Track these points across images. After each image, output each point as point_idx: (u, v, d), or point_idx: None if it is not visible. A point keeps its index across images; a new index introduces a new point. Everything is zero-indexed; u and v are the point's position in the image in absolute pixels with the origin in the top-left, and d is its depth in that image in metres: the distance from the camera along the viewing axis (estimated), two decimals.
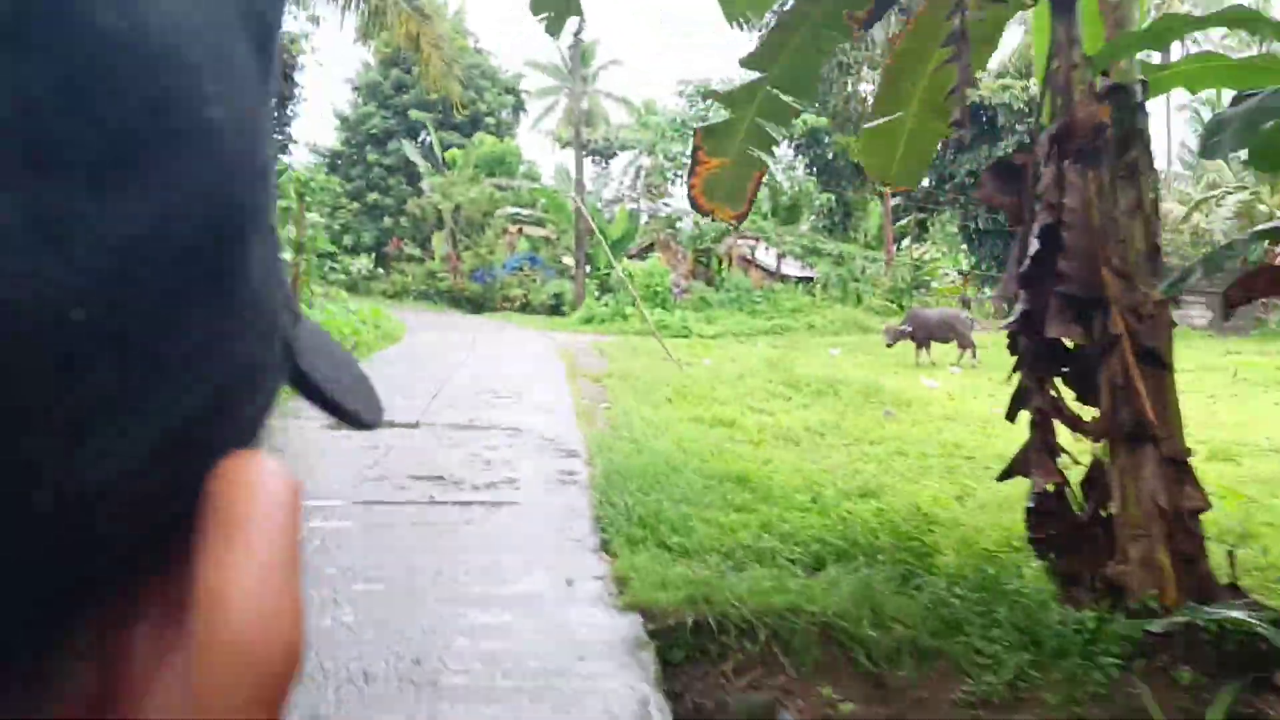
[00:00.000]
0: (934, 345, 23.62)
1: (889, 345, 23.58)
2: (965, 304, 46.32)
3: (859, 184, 36.72)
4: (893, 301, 37.92)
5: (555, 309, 35.91)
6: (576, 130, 34.70)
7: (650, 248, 40.31)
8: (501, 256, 42.93)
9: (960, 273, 45.04)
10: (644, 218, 38.59)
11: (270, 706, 0.26)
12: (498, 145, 45.81)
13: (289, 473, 0.28)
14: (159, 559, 0.27)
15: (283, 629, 0.26)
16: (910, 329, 23.59)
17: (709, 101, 33.34)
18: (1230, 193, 35.44)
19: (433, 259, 48.57)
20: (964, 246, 48.57)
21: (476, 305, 41.93)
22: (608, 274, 36.89)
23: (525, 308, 38.34)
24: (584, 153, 35.21)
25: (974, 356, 23.12)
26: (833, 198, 34.07)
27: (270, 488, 0.27)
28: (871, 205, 38.10)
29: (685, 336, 30.31)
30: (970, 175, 44.36)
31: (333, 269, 45.49)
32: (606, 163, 40.80)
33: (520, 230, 40.80)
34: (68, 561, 0.23)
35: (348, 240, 51.00)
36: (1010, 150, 45.92)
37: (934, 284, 42.99)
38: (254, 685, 0.25)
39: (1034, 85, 51.70)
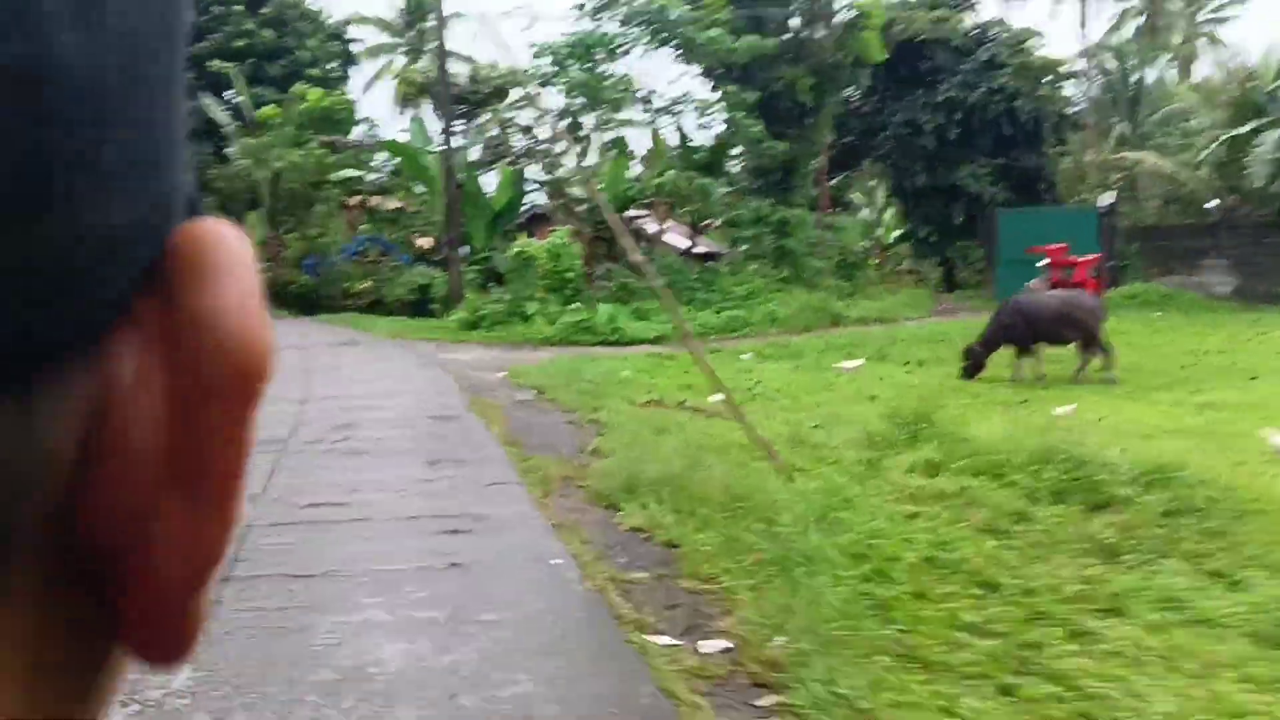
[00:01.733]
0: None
1: (973, 367, 14.35)
2: (918, 280, 37.95)
3: (808, 131, 27.46)
4: (846, 279, 28.90)
5: (421, 306, 25.61)
6: (441, 63, 24.30)
7: (536, 220, 30.31)
8: (339, 238, 32.21)
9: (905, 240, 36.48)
10: (528, 184, 28.56)
11: (252, 408, 0.29)
12: (324, 98, 34.81)
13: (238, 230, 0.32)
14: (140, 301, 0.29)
15: (263, 338, 0.29)
16: (1006, 331, 14.41)
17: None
18: None
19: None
20: (894, 210, 40.08)
21: (308, 304, 31.21)
22: (488, 257, 26.70)
23: (377, 306, 27.82)
24: (450, 100, 24.80)
25: (1109, 363, 14.16)
26: (775, 147, 24.73)
27: (232, 237, 0.30)
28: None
29: (621, 342, 20.57)
30: (906, 126, 35.95)
31: None
32: (469, 117, 30.46)
33: (363, 203, 30.06)
34: (89, 283, 0.26)
35: None
36: (952, 95, 37.86)
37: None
38: (240, 389, 0.28)
39: (975, 17, 43.76)
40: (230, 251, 0.29)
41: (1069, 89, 37.43)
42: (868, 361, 16.57)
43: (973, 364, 14.41)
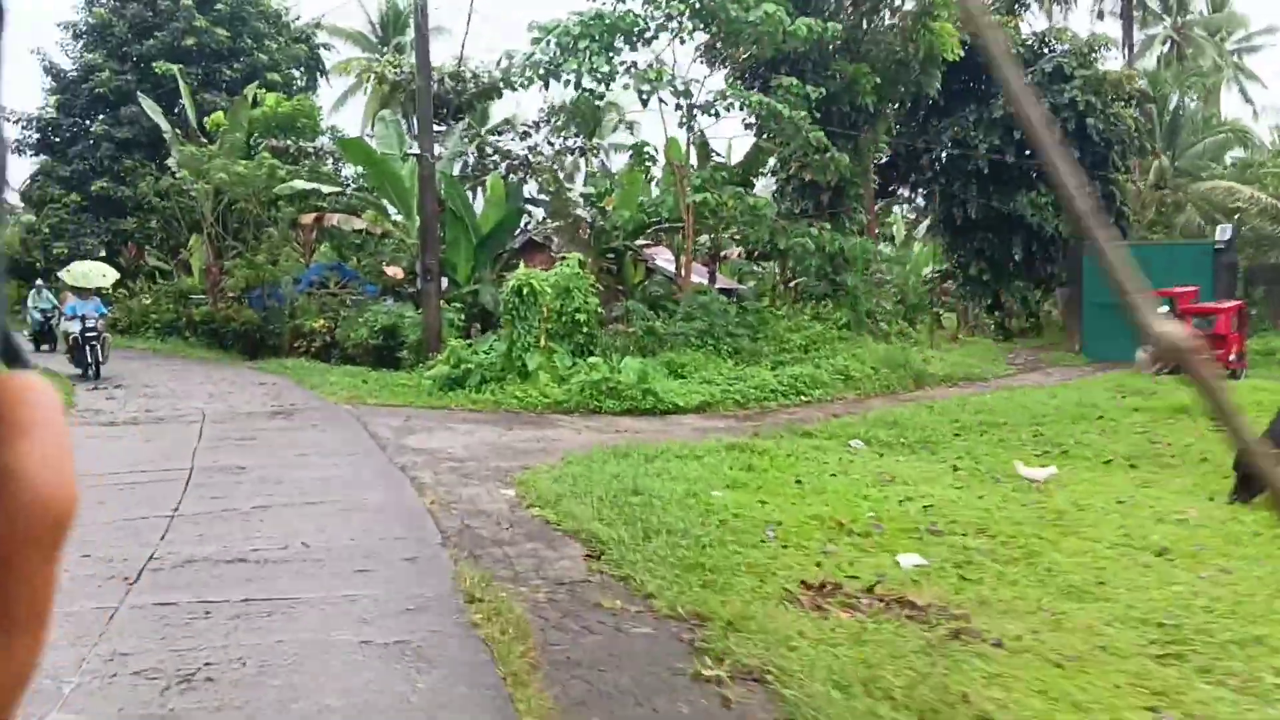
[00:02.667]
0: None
1: (1252, 484, 8.76)
2: (968, 328, 32.29)
3: (862, 144, 21.94)
4: (908, 321, 23.29)
5: (387, 354, 19.68)
6: (421, 43, 18.44)
7: (528, 248, 24.52)
8: (293, 266, 26.33)
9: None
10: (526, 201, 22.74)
11: (59, 550, 0.32)
12: (283, 103, 28.99)
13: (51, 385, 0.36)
14: None
15: (70, 493, 0.33)
16: None
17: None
18: None
19: (189, 273, 31.25)
20: (932, 244, 34.67)
21: (252, 346, 25.24)
22: (474, 292, 20.85)
23: (331, 350, 21.90)
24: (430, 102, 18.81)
25: None
26: (839, 160, 19.09)
27: (42, 391, 0.33)
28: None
29: (658, 411, 14.91)
30: (955, 146, 30.56)
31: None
32: (452, 120, 24.64)
33: (319, 220, 24.05)
34: None
35: (61, 248, 32.93)
36: (1009, 111, 32.20)
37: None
38: (49, 538, 0.32)
39: (1031, 24, 38.41)
40: (40, 406, 0.32)
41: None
42: (1046, 457, 10.91)
43: (1252, 480, 8.75)
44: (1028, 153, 28.42)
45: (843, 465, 10.38)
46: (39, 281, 27.23)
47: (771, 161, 23.54)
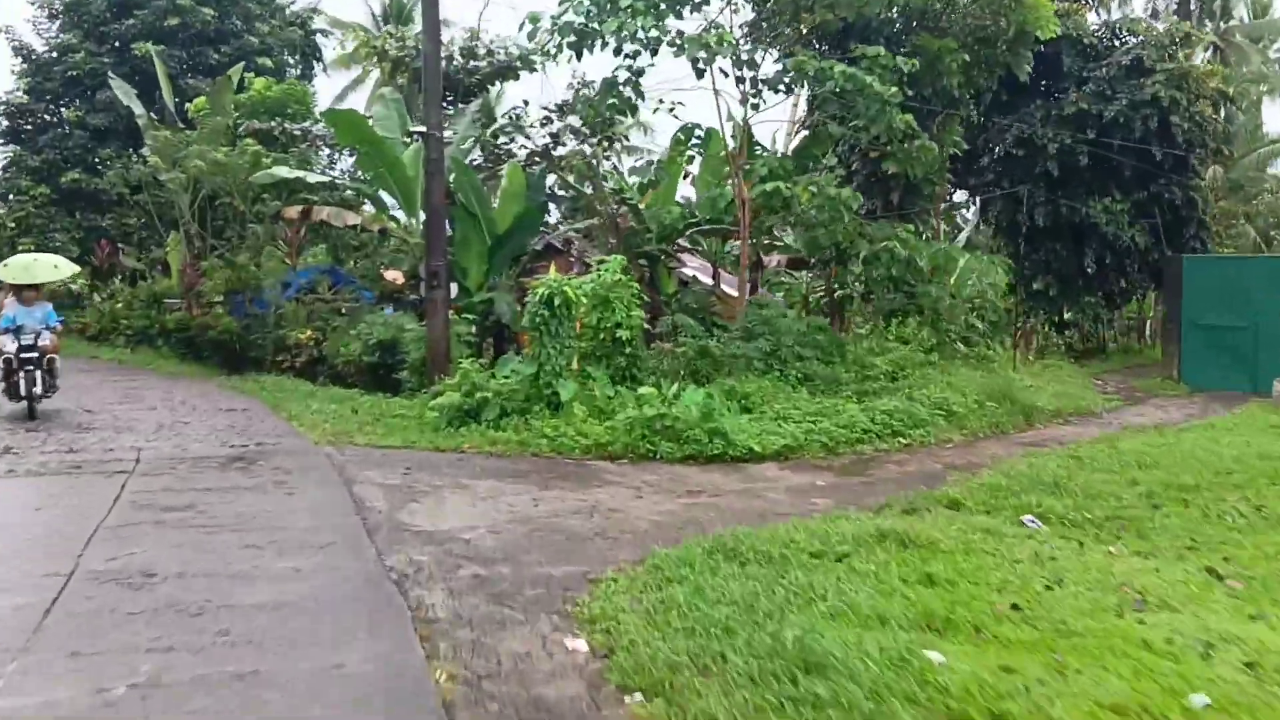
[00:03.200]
0: None
1: None
2: (1029, 341, 28.73)
3: (939, 135, 18.50)
4: (987, 342, 19.74)
5: (384, 374, 16.16)
6: (429, 7, 14.88)
7: (545, 252, 21.00)
8: (279, 269, 22.85)
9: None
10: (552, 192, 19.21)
11: None
12: (272, 86, 25.51)
13: None
14: None
15: None
16: None
17: None
18: None
19: (168, 275, 27.70)
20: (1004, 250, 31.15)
21: (231, 358, 21.75)
22: (489, 301, 17.36)
23: (318, 366, 18.41)
24: (439, 80, 15.06)
25: None
26: (929, 149, 15.68)
27: None
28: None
29: (730, 457, 11.49)
30: (1020, 146, 27.09)
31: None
32: (462, 104, 21.06)
33: (306, 216, 20.42)
34: None
35: (28, 244, 29.34)
36: (1083, 108, 28.61)
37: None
38: None
39: (1111, 13, 34.99)
40: None
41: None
42: None
43: None
44: (1102, 156, 25.16)
45: (1045, 565, 6.92)
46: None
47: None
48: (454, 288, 15.17)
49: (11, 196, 29.98)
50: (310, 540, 6.93)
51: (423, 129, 14.74)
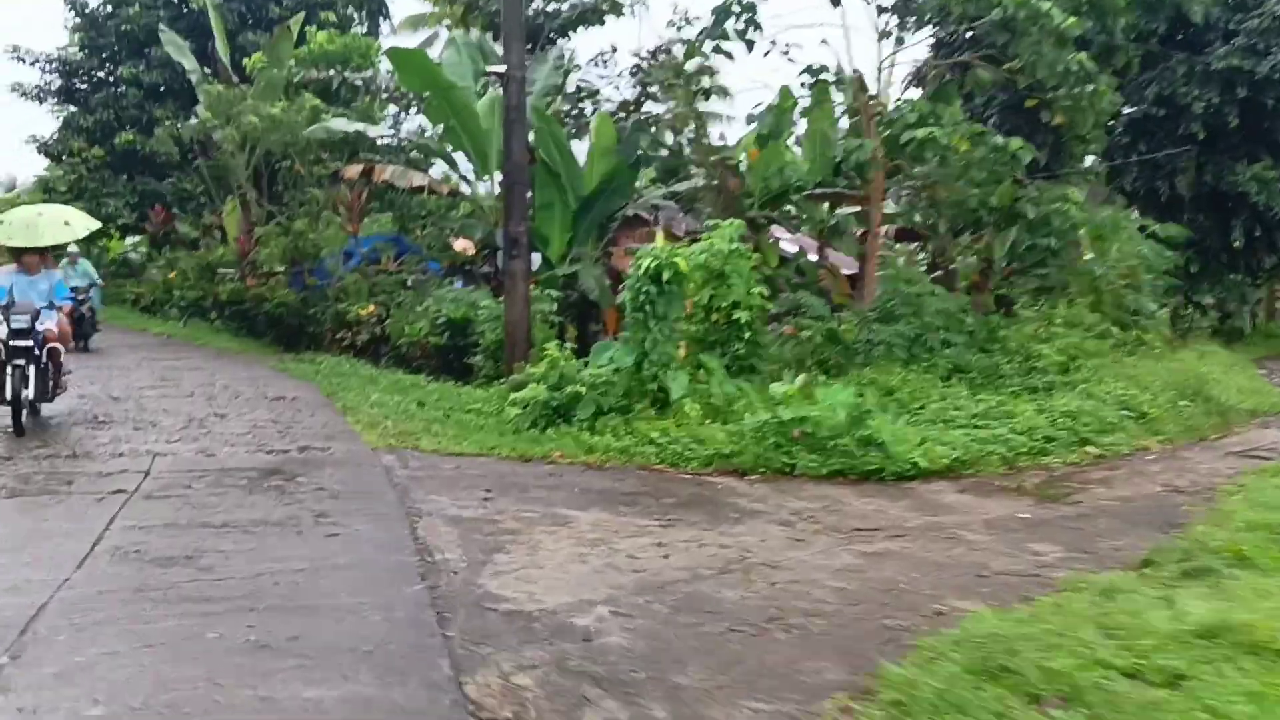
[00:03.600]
0: None
1: None
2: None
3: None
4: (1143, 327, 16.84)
5: (455, 358, 13.89)
6: None
7: (633, 221, 18.45)
8: (338, 236, 20.70)
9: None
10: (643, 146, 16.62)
11: None
12: (333, 39, 23.31)
13: None
14: None
15: None
16: None
17: None
18: None
19: (224, 241, 25.74)
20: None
21: (288, 334, 19.73)
22: (573, 275, 14.98)
23: (381, 345, 16.23)
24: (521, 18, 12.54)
25: None
26: (1100, 91, 12.88)
27: None
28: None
29: (893, 474, 8.97)
30: (1159, 106, 23.98)
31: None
32: (546, 44, 18.52)
33: (367, 175, 18.02)
34: None
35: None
36: (1233, 64, 24.90)
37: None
38: None
39: None
40: None
41: None
42: None
43: None
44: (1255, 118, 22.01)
45: None
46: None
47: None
48: (535, 258, 12.80)
49: (65, 158, 28.24)
50: (353, 636, 4.57)
51: (501, 69, 12.32)
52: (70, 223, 12.20)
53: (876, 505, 7.96)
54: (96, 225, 13.92)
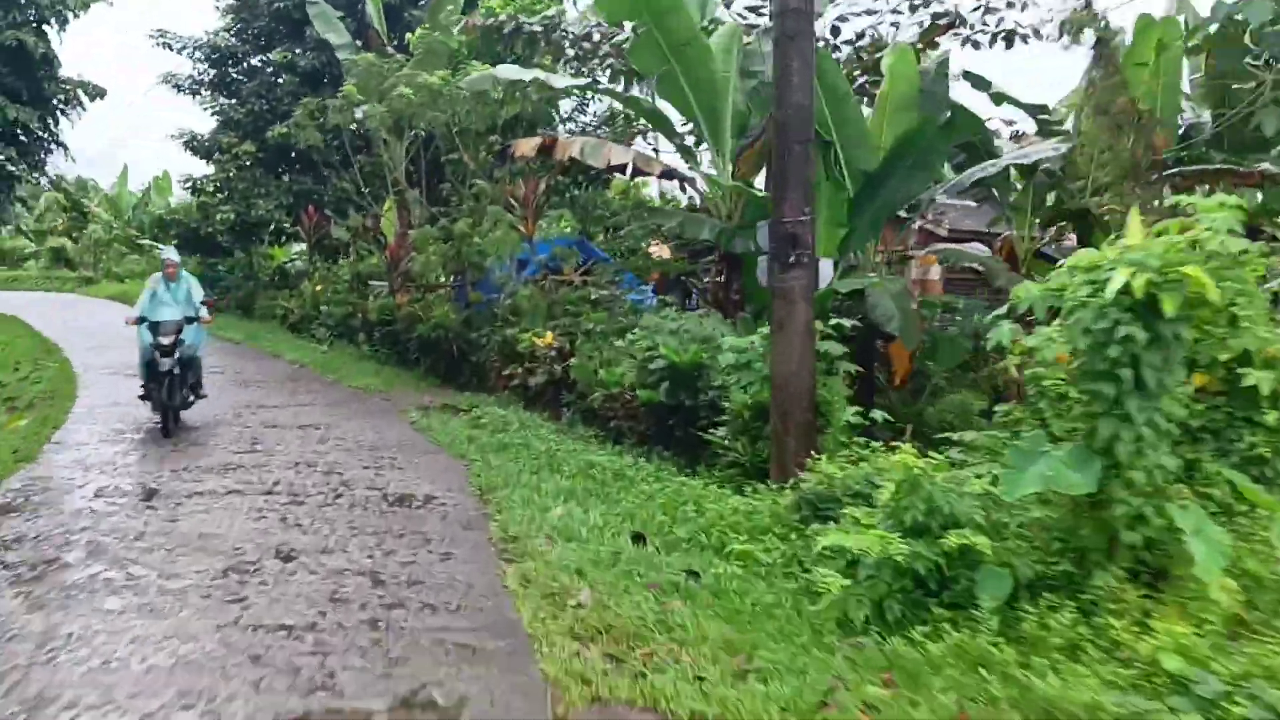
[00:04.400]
0: None
1: None
2: None
3: None
4: None
5: (678, 424, 8.69)
6: None
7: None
8: (510, 241, 15.95)
9: None
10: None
11: None
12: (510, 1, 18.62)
13: None
14: None
15: None
16: None
17: None
18: None
19: (380, 248, 21.46)
20: None
21: (449, 365, 15.18)
22: (855, 291, 9.53)
23: (562, 390, 11.27)
24: None
25: None
26: None
27: None
28: None
29: None
30: None
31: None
32: None
33: (546, 153, 12.83)
34: None
35: (227, 213, 24.18)
36: None
37: None
38: None
39: None
40: None
41: None
42: None
43: None
44: None
45: None
46: (168, 254, 13.16)
47: None
48: (825, 269, 7.44)
49: (215, 155, 24.78)
50: None
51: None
52: None
53: None
54: None
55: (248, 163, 24.05)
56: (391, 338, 16.82)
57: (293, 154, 23.92)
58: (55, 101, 25.33)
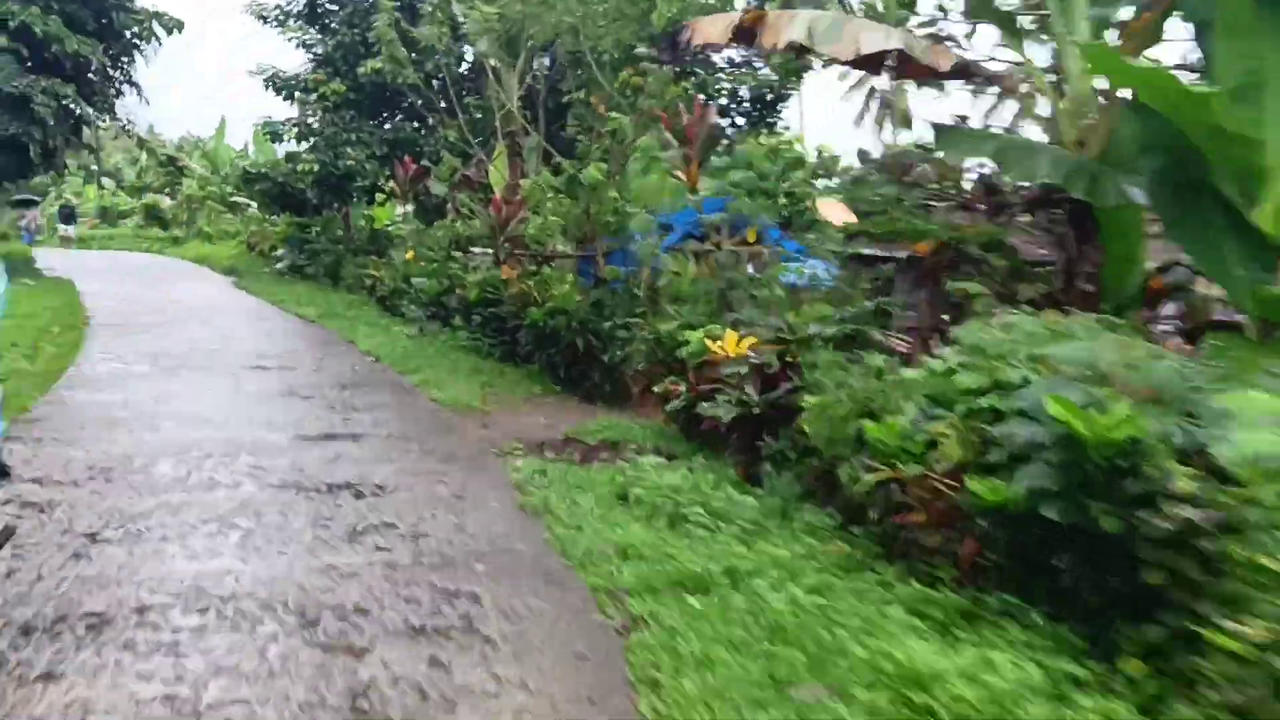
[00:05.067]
0: None
1: None
2: None
3: None
4: None
5: (1038, 548, 3.87)
6: None
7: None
8: (667, 192, 11.46)
9: None
10: None
11: None
12: None
13: None
14: None
15: None
16: None
17: None
18: None
19: (480, 205, 17.08)
20: None
21: (575, 369, 10.94)
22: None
23: (755, 432, 6.78)
24: None
25: None
26: None
27: None
28: None
29: None
30: None
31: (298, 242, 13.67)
32: None
33: (750, 39, 8.17)
34: None
35: (310, 163, 20.26)
36: None
37: None
38: None
39: None
40: None
41: None
42: None
43: None
44: None
45: None
46: None
47: None
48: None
49: (298, 95, 20.87)
50: None
51: None
52: None
53: None
54: None
55: (336, 104, 20.07)
56: (496, 323, 12.53)
57: (389, 94, 19.86)
58: (128, 34, 21.85)
